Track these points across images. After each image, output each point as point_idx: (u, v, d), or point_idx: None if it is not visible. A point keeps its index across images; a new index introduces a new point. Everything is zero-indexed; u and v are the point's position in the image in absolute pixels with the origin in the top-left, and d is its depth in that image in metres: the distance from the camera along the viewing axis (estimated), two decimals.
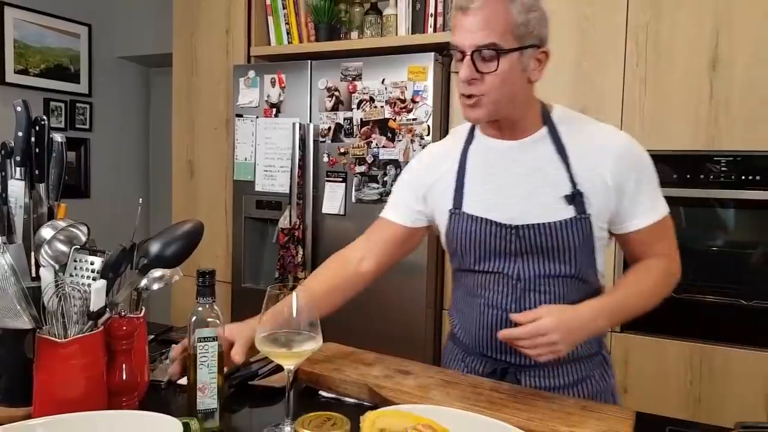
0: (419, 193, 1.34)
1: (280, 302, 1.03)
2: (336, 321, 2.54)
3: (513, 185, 1.21)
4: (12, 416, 0.97)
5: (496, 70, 1.11)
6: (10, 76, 3.40)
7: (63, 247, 1.01)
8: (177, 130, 3.10)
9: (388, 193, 2.37)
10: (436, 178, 1.31)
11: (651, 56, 2.10)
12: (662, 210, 1.21)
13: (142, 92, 4.31)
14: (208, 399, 1.00)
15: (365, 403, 1.13)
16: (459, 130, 1.35)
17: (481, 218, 1.22)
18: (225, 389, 1.07)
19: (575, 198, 1.17)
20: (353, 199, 2.44)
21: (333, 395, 1.19)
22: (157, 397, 1.16)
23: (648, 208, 1.20)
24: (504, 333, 1.07)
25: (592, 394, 1.25)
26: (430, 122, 2.31)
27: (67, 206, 1.13)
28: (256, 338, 0.99)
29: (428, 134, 2.30)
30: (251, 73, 2.67)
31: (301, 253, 2.47)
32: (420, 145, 2.31)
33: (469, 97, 1.14)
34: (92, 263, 1.01)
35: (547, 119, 1.23)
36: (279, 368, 1.26)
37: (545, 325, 1.03)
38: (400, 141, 2.34)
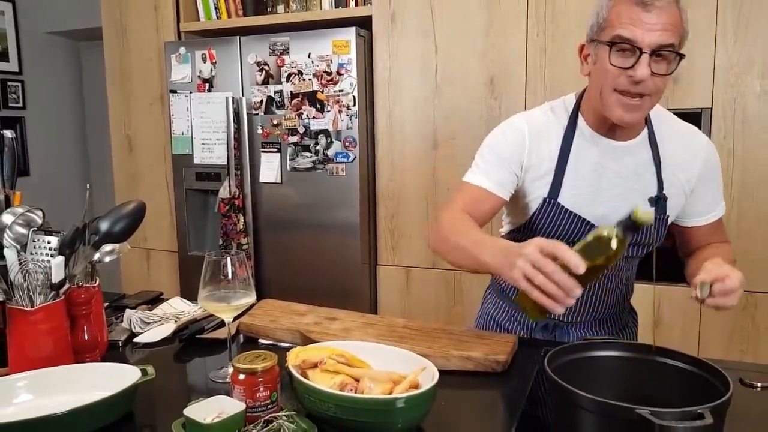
0: (516, 168, 1.28)
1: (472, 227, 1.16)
2: (279, 281, 2.75)
3: (612, 185, 1.25)
4: None
5: (671, 73, 1.10)
6: None
7: (22, 230, 1.16)
8: (113, 106, 3.16)
9: (321, 161, 2.56)
10: (535, 160, 1.27)
11: (549, 27, 2.33)
12: (722, 207, 1.32)
13: (74, 67, 4.28)
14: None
15: (298, 346, 1.34)
16: (557, 110, 1.30)
17: (574, 214, 1.26)
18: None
19: (659, 201, 1.25)
20: (288, 168, 2.62)
21: (270, 342, 1.39)
22: (117, 354, 1.34)
23: (715, 204, 1.31)
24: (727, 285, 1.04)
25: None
26: (355, 93, 2.48)
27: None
28: (199, 298, 1.18)
29: (354, 104, 2.48)
30: (182, 50, 2.76)
31: (242, 220, 2.64)
32: (347, 116, 2.49)
33: (638, 96, 1.11)
34: (49, 242, 1.17)
35: (647, 119, 1.25)
36: (223, 323, 1.45)
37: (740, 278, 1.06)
38: (328, 111, 2.51)
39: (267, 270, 2.73)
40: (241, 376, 0.97)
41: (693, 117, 2.20)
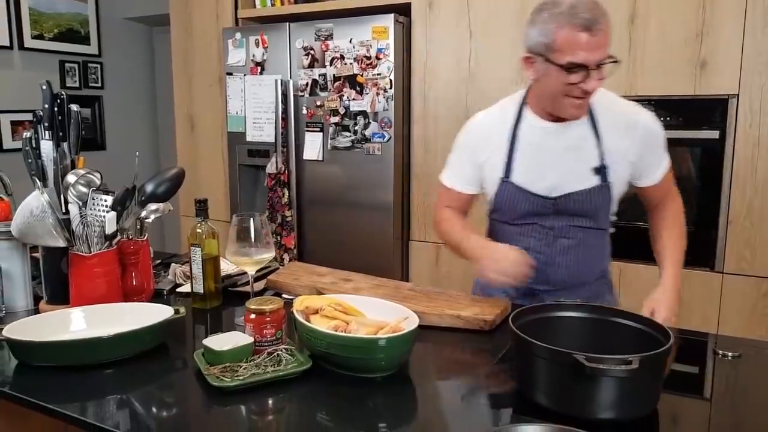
0: (477, 160, 1.53)
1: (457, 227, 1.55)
2: (319, 253, 2.94)
3: (555, 159, 1.44)
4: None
5: (605, 77, 1.31)
6: (28, 42, 3.76)
7: (84, 189, 1.39)
8: (177, 87, 3.44)
9: (359, 141, 2.73)
10: (491, 150, 1.50)
11: None
12: (667, 162, 1.50)
13: (147, 50, 4.63)
14: (198, 285, 1.47)
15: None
16: (507, 107, 1.51)
17: (526, 190, 1.47)
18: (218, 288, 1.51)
19: (601, 170, 1.43)
20: (329, 147, 2.80)
21: (291, 296, 1.57)
22: (161, 300, 1.57)
23: (659, 165, 1.48)
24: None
25: None
26: (392, 77, 2.63)
27: (86, 158, 1.51)
28: (227, 253, 1.37)
29: (391, 87, 2.63)
30: (238, 35, 2.99)
31: (287, 194, 2.86)
32: (384, 98, 2.65)
33: (583, 98, 1.33)
34: (105, 200, 1.40)
35: None
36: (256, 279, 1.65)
37: (664, 318, 1.33)
38: (367, 94, 2.67)
39: (309, 242, 2.94)
40: (252, 316, 1.16)
41: (718, 104, 2.21)
